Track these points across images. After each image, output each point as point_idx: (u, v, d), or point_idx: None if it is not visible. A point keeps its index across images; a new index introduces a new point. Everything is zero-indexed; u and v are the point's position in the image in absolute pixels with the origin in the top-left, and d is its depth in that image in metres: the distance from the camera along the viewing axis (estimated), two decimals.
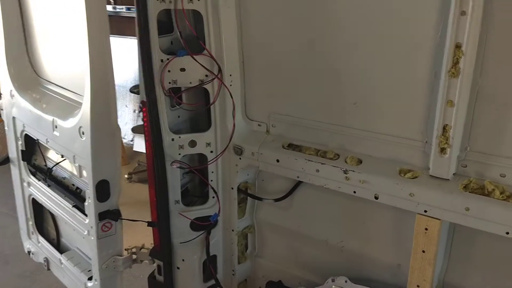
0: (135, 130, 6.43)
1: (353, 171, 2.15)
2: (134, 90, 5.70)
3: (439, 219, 1.99)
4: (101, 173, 2.47)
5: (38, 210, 3.30)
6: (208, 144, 2.57)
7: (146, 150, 2.55)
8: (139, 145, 6.45)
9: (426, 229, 2.02)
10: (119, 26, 6.22)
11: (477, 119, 1.92)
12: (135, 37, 5.92)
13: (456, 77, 1.85)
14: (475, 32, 1.79)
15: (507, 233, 1.85)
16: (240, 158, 2.56)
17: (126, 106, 6.73)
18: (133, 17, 6.66)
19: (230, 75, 2.46)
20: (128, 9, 6.27)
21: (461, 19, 1.77)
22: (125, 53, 5.85)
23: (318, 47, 2.23)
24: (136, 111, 6.74)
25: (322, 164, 2.25)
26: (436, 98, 1.92)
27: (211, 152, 2.59)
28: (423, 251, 2.06)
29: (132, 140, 6.76)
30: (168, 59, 2.35)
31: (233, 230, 2.73)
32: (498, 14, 1.76)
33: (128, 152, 6.62)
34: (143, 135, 5.98)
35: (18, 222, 3.50)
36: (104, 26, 2.31)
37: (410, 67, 1.99)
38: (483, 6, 1.75)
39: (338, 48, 2.17)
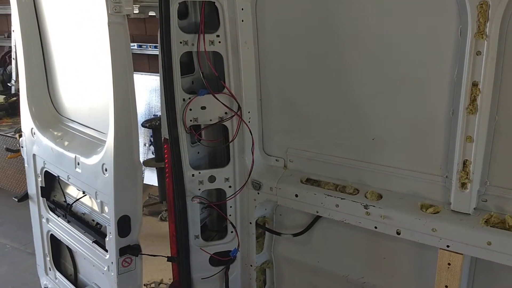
0: (145, 163, 6.49)
1: (374, 206, 2.18)
2: (146, 124, 5.77)
3: (461, 254, 2.01)
4: (123, 208, 2.51)
5: (55, 246, 3.31)
6: (227, 179, 2.62)
7: (167, 186, 2.59)
8: (150, 178, 6.49)
9: (449, 264, 2.03)
10: None
11: (495, 154, 1.97)
12: (146, 73, 6.04)
13: (474, 114, 1.91)
14: (490, 71, 1.86)
15: None
16: (258, 193, 2.59)
17: None
18: (144, 54, 6.76)
19: (249, 112, 2.53)
20: (140, 46, 6.45)
21: (477, 59, 1.85)
22: (136, 88, 5.97)
23: (335, 84, 2.30)
24: (147, 145, 6.82)
25: (342, 199, 2.28)
26: (454, 134, 1.98)
27: (230, 187, 2.63)
28: (446, 286, 2.06)
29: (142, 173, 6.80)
30: (189, 98, 2.43)
31: (251, 265, 2.74)
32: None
33: None
34: (153, 168, 6.02)
35: (31, 257, 3.50)
36: (128, 64, 2.39)
37: (428, 104, 2.06)
38: (497, 46, 1.83)
39: (356, 86, 2.24)
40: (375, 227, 2.20)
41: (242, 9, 2.34)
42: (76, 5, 2.69)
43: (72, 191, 3.04)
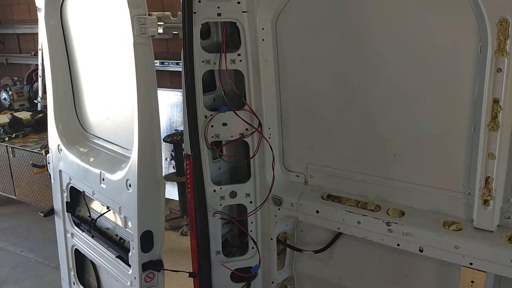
0: (166, 177, 6.56)
1: (396, 223, 2.17)
2: (167, 139, 5.86)
3: (485, 272, 1.99)
4: (146, 223, 2.55)
5: (80, 261, 3.37)
6: (248, 195, 2.64)
7: (189, 201, 2.63)
8: (171, 192, 6.56)
9: (472, 281, 2.01)
10: None
11: None
12: (168, 89, 6.13)
13: (495, 131, 1.90)
14: (511, 87, 1.85)
15: None
16: (279, 209, 2.61)
17: None
18: (166, 71, 6.87)
19: (269, 128, 2.56)
20: (162, 63, 6.58)
21: (498, 76, 1.85)
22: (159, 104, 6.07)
23: (356, 100, 2.32)
24: (168, 159, 6.90)
25: (363, 215, 2.28)
26: (476, 151, 1.97)
27: (251, 202, 2.65)
28: None
29: None
30: (211, 115, 2.48)
31: (273, 282, 2.74)
32: None
33: None
34: (174, 182, 6.08)
35: (55, 271, 3.56)
36: (152, 83, 2.45)
37: (449, 121, 2.06)
38: None
39: (377, 102, 2.25)
40: (398, 244, 2.19)
41: (263, 28, 2.39)
42: (102, 25, 2.78)
43: (97, 206, 3.10)
